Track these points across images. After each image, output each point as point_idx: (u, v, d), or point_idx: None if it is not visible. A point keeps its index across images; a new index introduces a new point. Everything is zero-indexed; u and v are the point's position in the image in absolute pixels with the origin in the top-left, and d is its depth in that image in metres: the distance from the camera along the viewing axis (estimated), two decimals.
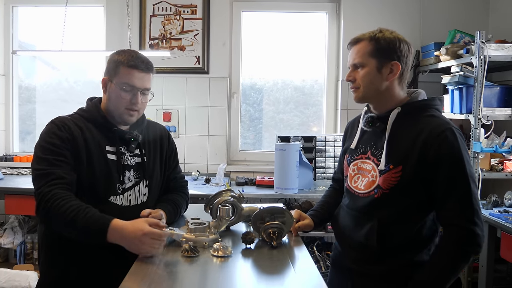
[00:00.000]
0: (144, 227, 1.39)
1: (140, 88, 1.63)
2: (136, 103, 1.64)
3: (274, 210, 1.59)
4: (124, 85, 1.61)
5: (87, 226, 1.41)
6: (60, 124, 1.58)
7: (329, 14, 3.78)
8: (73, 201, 1.45)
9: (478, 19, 3.60)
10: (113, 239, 1.41)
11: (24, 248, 3.45)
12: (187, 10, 3.67)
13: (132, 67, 1.61)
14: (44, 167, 1.51)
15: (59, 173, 1.50)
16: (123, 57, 1.63)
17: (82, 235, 1.44)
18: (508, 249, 2.43)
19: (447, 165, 1.42)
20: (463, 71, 2.85)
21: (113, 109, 1.65)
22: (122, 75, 1.61)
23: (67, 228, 1.45)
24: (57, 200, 1.44)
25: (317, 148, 3.42)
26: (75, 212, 1.41)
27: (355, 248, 1.59)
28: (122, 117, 1.65)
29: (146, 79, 1.65)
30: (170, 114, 3.71)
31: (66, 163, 1.53)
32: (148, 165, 1.73)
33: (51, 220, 1.47)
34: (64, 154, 1.53)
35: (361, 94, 1.57)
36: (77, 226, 1.41)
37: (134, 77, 1.61)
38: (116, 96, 1.63)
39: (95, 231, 1.41)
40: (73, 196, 1.48)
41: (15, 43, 3.87)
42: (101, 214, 1.44)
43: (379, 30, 1.54)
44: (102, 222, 1.42)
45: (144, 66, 1.64)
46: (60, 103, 3.93)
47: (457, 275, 1.45)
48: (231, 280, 1.31)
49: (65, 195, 1.45)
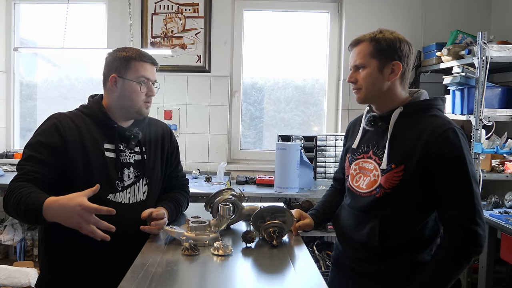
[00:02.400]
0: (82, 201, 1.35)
1: (153, 80, 1.71)
2: (153, 94, 1.71)
3: (274, 209, 1.59)
4: (141, 78, 1.66)
5: (27, 209, 1.40)
6: (54, 122, 1.59)
7: (331, 13, 3.78)
8: (22, 189, 1.44)
9: (480, 20, 3.59)
10: (50, 216, 1.38)
11: (24, 245, 3.45)
12: (189, 8, 3.67)
13: (144, 61, 1.68)
14: (20, 161, 1.55)
15: (28, 169, 1.51)
16: (131, 53, 1.67)
17: (25, 219, 1.49)
18: (508, 250, 2.43)
19: (449, 165, 1.42)
20: (465, 72, 2.85)
21: (129, 105, 1.67)
22: (136, 69, 1.65)
23: (16, 216, 1.50)
24: (11, 191, 1.46)
25: (318, 147, 3.41)
26: (18, 198, 1.42)
27: (356, 247, 1.59)
28: (141, 110, 1.69)
29: (154, 72, 1.73)
30: (171, 112, 3.71)
31: (40, 160, 1.53)
32: (148, 163, 1.73)
33: (8, 211, 1.50)
34: (41, 152, 1.54)
35: (363, 95, 1.57)
36: (20, 213, 1.43)
37: (147, 70, 1.68)
38: (132, 90, 1.65)
39: (32, 212, 1.39)
40: (27, 185, 1.47)
41: (16, 40, 3.87)
42: (38, 195, 1.42)
43: (379, 31, 1.54)
44: (36, 201, 1.39)
45: (152, 59, 1.71)
46: (61, 100, 3.93)
47: (459, 275, 1.44)
48: (231, 279, 1.31)
49: (18, 185, 1.46)
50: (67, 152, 1.56)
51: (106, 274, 1.51)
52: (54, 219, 1.38)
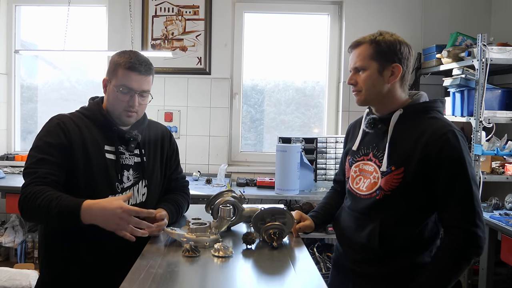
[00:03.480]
0: (122, 204, 1.39)
1: (137, 91, 1.63)
2: (134, 106, 1.63)
3: (275, 211, 1.59)
4: (121, 87, 1.61)
5: (61, 212, 1.40)
6: (57, 122, 1.59)
7: (331, 16, 3.78)
8: (47, 193, 1.44)
9: (480, 22, 3.60)
10: (88, 219, 1.39)
11: (25, 247, 3.45)
12: (189, 10, 3.68)
13: (130, 69, 1.61)
14: (31, 165, 1.53)
15: (43, 171, 1.50)
16: (122, 59, 1.63)
17: (58, 222, 1.46)
18: (508, 252, 2.43)
19: (448, 167, 1.42)
20: (465, 74, 2.85)
21: (111, 110, 1.66)
22: (120, 77, 1.61)
23: (45, 220, 1.48)
24: (33, 195, 1.44)
25: (318, 149, 3.42)
26: (47, 201, 1.41)
27: (356, 249, 1.59)
28: (121, 118, 1.66)
29: (144, 81, 1.64)
30: (172, 114, 3.72)
31: (52, 162, 1.52)
32: (147, 165, 1.73)
33: (29, 216, 1.49)
34: (52, 153, 1.53)
35: (363, 97, 1.57)
36: (51, 215, 1.41)
37: (131, 80, 1.61)
38: (114, 97, 1.63)
39: (68, 214, 1.40)
40: (48, 188, 1.47)
41: (17, 43, 3.88)
42: (73, 198, 1.43)
43: (379, 33, 1.55)
44: (73, 204, 1.41)
45: (143, 68, 1.63)
46: (61, 103, 3.94)
47: (458, 277, 1.45)
48: (231, 281, 1.31)
49: (40, 189, 1.45)
50: (72, 152, 1.56)
51: (106, 276, 1.52)
52: (92, 221, 1.40)
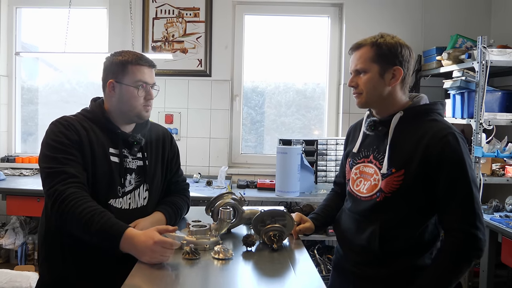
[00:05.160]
0: (155, 235, 1.37)
1: (151, 83, 1.67)
2: (152, 98, 1.68)
3: (275, 213, 1.59)
4: (138, 82, 1.63)
5: (102, 231, 1.39)
6: (66, 124, 1.57)
7: (331, 18, 3.79)
8: (90, 202, 1.44)
9: (480, 24, 3.61)
10: (125, 248, 1.38)
11: (25, 249, 3.45)
12: (190, 13, 3.69)
13: (141, 64, 1.65)
14: (54, 165, 1.49)
15: (72, 172, 1.48)
16: (127, 57, 1.64)
17: (95, 238, 1.41)
18: (509, 254, 2.43)
19: (449, 169, 1.42)
20: (465, 76, 2.85)
21: (128, 109, 1.65)
22: (133, 74, 1.63)
23: (81, 230, 1.42)
24: (73, 200, 1.42)
25: (319, 151, 3.42)
26: (91, 214, 1.40)
27: (356, 251, 1.59)
28: (140, 114, 1.67)
29: (153, 75, 1.70)
30: (172, 116, 3.72)
31: (76, 162, 1.52)
32: (149, 169, 1.73)
33: (66, 220, 1.44)
34: (73, 153, 1.52)
35: (364, 100, 1.57)
36: (91, 229, 1.39)
37: (145, 74, 1.65)
38: (130, 95, 1.63)
39: (109, 236, 1.39)
40: (89, 197, 1.46)
41: (18, 45, 3.89)
42: (116, 220, 1.43)
43: (381, 35, 1.54)
44: (117, 228, 1.40)
45: (149, 62, 1.68)
46: (62, 105, 3.94)
47: (459, 279, 1.45)
48: (232, 283, 1.31)
49: (81, 196, 1.44)
50: (83, 151, 1.56)
51: (106, 279, 1.51)
52: (127, 250, 1.39)
